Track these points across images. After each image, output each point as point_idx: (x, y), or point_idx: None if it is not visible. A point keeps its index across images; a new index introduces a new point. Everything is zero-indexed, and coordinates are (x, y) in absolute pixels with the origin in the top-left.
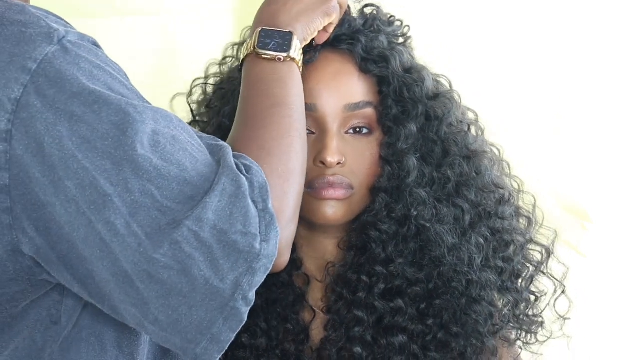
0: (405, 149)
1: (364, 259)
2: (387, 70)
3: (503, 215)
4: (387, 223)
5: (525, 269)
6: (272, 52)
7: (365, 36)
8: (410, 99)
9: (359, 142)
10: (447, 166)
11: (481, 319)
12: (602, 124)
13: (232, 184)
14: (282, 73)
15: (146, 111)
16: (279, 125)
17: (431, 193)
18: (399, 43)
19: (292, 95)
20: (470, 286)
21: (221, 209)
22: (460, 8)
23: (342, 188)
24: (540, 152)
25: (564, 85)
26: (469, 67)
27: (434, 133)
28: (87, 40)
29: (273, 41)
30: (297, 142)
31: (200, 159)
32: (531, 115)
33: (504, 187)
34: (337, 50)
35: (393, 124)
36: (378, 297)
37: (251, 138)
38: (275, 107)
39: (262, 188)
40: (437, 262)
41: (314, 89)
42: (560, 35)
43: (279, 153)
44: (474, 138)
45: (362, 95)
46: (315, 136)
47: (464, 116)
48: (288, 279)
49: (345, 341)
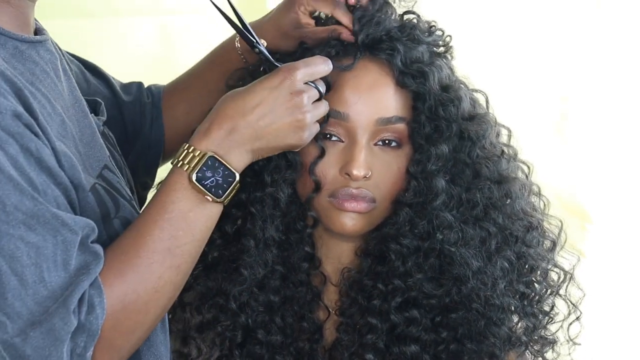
0: (435, 170)
1: (381, 268)
2: (424, 87)
3: (530, 243)
4: (409, 238)
5: (547, 294)
6: (205, 190)
7: (405, 46)
8: (444, 119)
9: (387, 154)
10: (476, 189)
11: (499, 342)
12: (604, 126)
13: (61, 325)
14: (198, 214)
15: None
16: (159, 268)
17: (458, 215)
18: (439, 54)
19: (192, 245)
20: (491, 309)
21: (41, 347)
22: (464, 9)
23: (364, 202)
24: (541, 152)
25: (567, 87)
26: (472, 68)
27: (466, 154)
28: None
29: (213, 178)
30: (165, 296)
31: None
32: (534, 116)
33: (533, 215)
34: (376, 59)
35: (425, 142)
36: (394, 310)
37: (130, 263)
38: (167, 250)
39: (90, 336)
40: (459, 282)
41: (348, 98)
42: (564, 37)
43: (145, 299)
44: (506, 163)
45: (396, 109)
46: (344, 145)
47: (498, 138)
48: (306, 278)
49: (357, 347)
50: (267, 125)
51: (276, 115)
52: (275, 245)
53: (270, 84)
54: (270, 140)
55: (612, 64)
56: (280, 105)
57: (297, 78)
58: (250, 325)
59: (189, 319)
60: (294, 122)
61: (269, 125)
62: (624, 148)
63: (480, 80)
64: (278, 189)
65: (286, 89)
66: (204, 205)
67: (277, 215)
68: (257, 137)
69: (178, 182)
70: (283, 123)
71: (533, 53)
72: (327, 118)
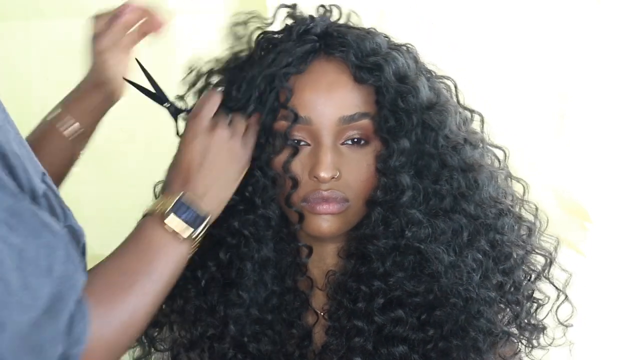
0: (399, 166)
1: (364, 269)
2: (380, 80)
3: (502, 230)
4: (384, 237)
5: (526, 280)
6: (178, 231)
7: (358, 38)
8: (404, 110)
9: (356, 153)
10: (444, 180)
11: (480, 336)
12: (604, 125)
13: (50, 345)
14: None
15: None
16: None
17: (427, 210)
18: (396, 45)
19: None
20: (469, 303)
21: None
22: (463, 10)
23: (336, 202)
24: (541, 152)
25: (567, 87)
26: (471, 68)
27: (431, 145)
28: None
29: (187, 213)
30: (138, 331)
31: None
32: (533, 116)
33: (502, 202)
34: (331, 58)
35: (388, 137)
36: (377, 311)
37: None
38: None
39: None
40: (434, 278)
41: (308, 101)
42: (563, 37)
43: (122, 326)
44: (471, 150)
45: (357, 106)
46: (311, 148)
47: (464, 126)
48: (293, 285)
49: (346, 350)
50: (211, 168)
51: (212, 155)
52: (272, 264)
53: (189, 138)
54: (220, 177)
55: (612, 62)
56: (207, 146)
57: (203, 118)
58: (241, 339)
59: (177, 339)
60: (227, 149)
61: (212, 166)
62: (624, 147)
63: (482, 81)
64: (268, 209)
65: (202, 132)
66: (177, 243)
67: (270, 235)
68: (209, 184)
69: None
70: (221, 157)
71: (531, 50)
72: (294, 120)
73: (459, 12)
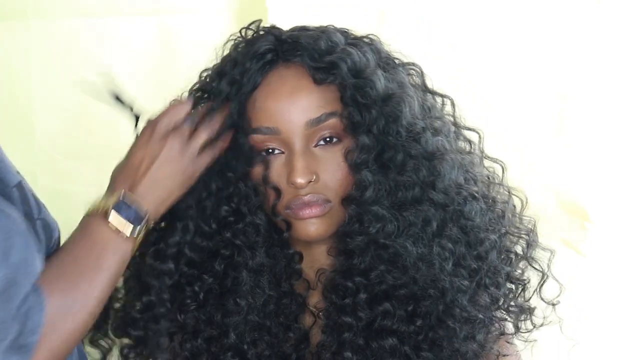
0: (360, 163)
1: (347, 265)
2: (337, 78)
3: (470, 216)
4: (359, 234)
5: (504, 262)
6: (122, 229)
7: (312, 39)
8: (364, 105)
9: (330, 152)
10: (410, 170)
11: (457, 325)
12: (604, 125)
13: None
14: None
15: None
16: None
17: (393, 204)
18: (356, 38)
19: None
20: (444, 293)
21: None
22: (463, 10)
23: (318, 205)
24: (541, 152)
25: (567, 87)
26: (471, 68)
27: (393, 136)
28: None
29: (128, 214)
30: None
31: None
32: (533, 116)
33: (467, 188)
34: (290, 65)
35: (353, 133)
36: (362, 306)
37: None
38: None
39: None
40: (407, 271)
41: (272, 111)
42: (563, 37)
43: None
44: (432, 136)
45: (323, 107)
46: (285, 156)
47: (430, 112)
48: (289, 288)
49: (337, 346)
50: (156, 175)
51: (158, 163)
52: (267, 270)
53: (141, 142)
54: (165, 185)
55: (612, 62)
56: (156, 154)
57: (160, 127)
58: (241, 346)
59: (178, 351)
60: (175, 160)
61: (157, 174)
62: (624, 147)
63: (481, 82)
64: (255, 217)
65: (155, 139)
66: (120, 239)
67: (260, 242)
68: (152, 188)
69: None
70: (166, 167)
71: (531, 50)
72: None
73: (459, 12)
